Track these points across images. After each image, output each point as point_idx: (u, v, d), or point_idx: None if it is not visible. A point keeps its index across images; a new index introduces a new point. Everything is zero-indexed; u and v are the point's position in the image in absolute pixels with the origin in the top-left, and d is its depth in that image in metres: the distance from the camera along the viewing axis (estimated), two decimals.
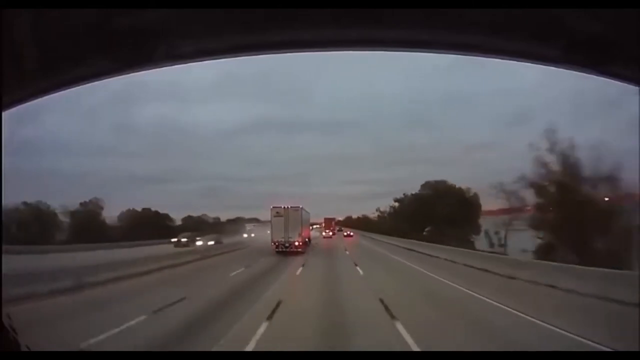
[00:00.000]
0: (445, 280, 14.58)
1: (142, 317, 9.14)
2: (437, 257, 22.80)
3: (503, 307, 9.99)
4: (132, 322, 8.64)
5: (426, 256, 24.03)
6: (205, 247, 31.69)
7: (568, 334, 7.37)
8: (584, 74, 1.51)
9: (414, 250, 27.51)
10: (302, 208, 28.11)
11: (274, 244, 26.99)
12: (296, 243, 26.91)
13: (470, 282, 13.69)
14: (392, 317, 8.90)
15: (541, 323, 8.26)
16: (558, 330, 7.70)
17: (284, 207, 27.45)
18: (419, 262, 21.16)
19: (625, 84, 1.48)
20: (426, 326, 8.19)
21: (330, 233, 45.64)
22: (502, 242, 29.79)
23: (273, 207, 27.78)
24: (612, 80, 1.49)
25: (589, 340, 6.84)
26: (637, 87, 1.47)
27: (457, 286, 13.28)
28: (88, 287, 13.16)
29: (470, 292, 12.16)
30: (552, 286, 12.06)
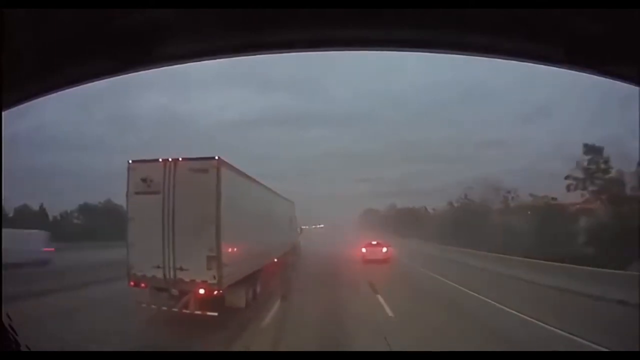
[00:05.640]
0: None
1: None
2: None
3: None
4: None
5: None
6: None
7: None
8: (585, 74, 1.52)
9: None
10: (222, 163, 8.73)
11: (138, 283, 8.68)
12: (201, 290, 8.18)
13: None
14: None
15: None
16: None
17: (165, 162, 8.81)
18: None
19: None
20: None
21: (385, 249, 20.36)
22: None
23: (133, 163, 9.05)
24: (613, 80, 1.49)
25: None
26: (637, 87, 1.47)
27: None
28: None
29: None
30: None
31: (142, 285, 8.66)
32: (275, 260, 13.82)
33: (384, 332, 7.44)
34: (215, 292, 8.29)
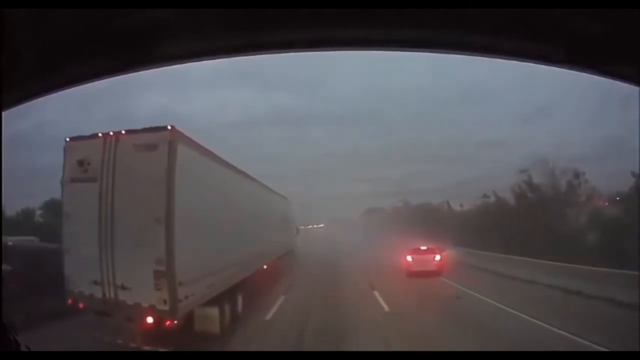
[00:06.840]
0: None
1: None
2: None
3: None
4: None
5: None
6: None
7: None
8: (585, 74, 1.52)
9: None
10: (178, 136, 6.25)
11: (76, 301, 6.44)
12: (148, 318, 5.87)
13: None
14: None
15: None
16: None
17: (105, 137, 6.36)
18: None
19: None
20: None
21: (438, 257, 14.82)
22: None
23: (70, 141, 6.63)
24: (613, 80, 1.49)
25: None
26: (637, 87, 1.47)
27: None
28: None
29: None
30: None
31: (80, 305, 6.42)
32: (265, 267, 11.15)
33: None
34: (168, 323, 5.85)
